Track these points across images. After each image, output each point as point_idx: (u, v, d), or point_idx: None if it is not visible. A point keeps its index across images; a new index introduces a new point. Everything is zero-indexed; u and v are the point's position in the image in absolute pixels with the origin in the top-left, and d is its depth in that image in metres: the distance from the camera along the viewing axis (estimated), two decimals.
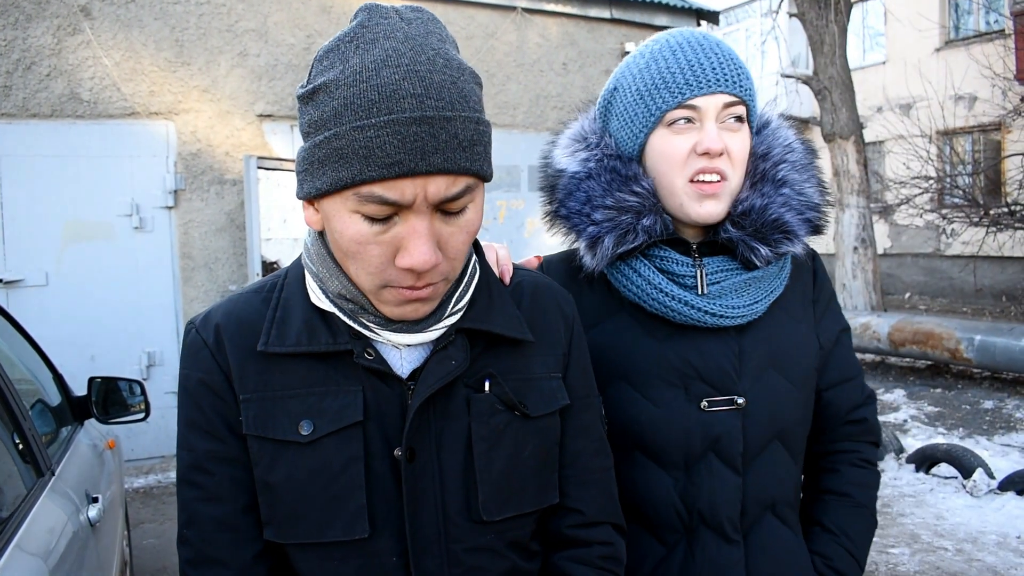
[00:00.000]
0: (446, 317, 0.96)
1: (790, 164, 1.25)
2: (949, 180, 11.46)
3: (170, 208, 5.61)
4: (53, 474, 2.10)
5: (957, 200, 11.24)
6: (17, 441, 1.96)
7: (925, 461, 5.08)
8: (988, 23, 13.35)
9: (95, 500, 2.21)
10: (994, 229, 10.30)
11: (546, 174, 1.32)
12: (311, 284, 0.97)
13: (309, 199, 0.89)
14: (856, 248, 9.36)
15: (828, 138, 9.44)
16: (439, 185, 0.83)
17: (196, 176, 5.66)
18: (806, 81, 9.67)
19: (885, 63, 14.83)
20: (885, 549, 4.08)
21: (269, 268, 5.44)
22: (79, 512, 2.07)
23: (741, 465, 1.21)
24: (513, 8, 6.85)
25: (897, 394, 7.47)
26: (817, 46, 9.31)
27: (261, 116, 5.88)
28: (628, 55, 1.43)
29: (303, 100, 0.86)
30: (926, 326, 7.69)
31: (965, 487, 4.72)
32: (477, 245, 1.06)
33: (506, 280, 1.08)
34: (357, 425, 0.93)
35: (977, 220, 10.39)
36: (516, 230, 7.00)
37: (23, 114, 5.19)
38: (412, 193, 0.82)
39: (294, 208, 5.60)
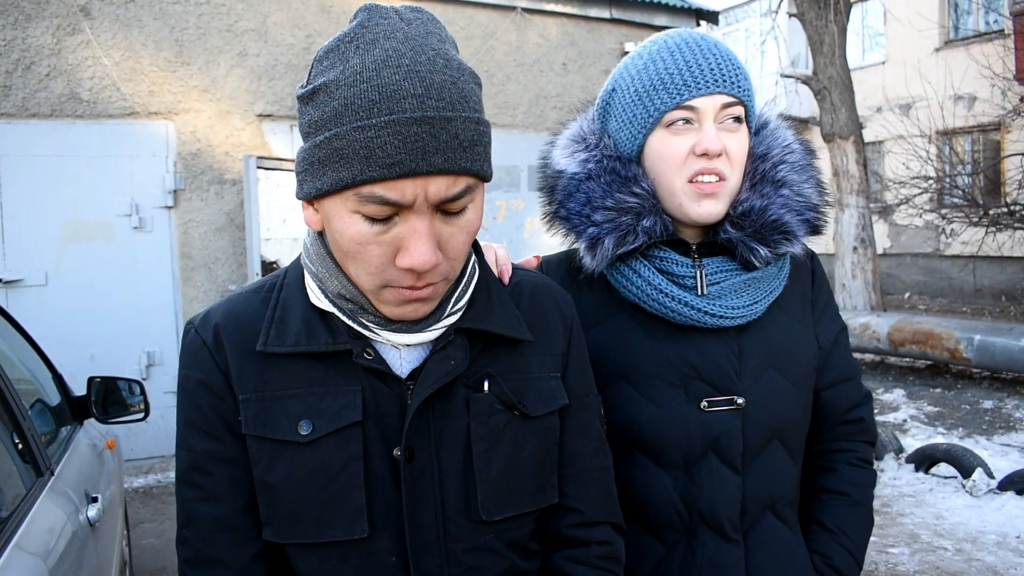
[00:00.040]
0: (445, 317, 0.96)
1: (789, 165, 1.25)
2: (948, 180, 11.46)
3: (170, 208, 5.61)
4: (52, 474, 2.10)
5: (956, 200, 11.24)
6: (16, 441, 1.96)
7: (925, 461, 5.08)
8: (988, 23, 13.35)
9: (94, 500, 2.21)
10: (993, 229, 10.30)
11: (545, 175, 1.32)
12: (310, 284, 0.97)
13: (309, 199, 0.89)
14: (856, 248, 9.36)
15: (828, 138, 9.44)
16: (440, 185, 0.83)
17: (196, 176, 5.66)
18: (805, 81, 9.67)
19: (885, 63, 14.83)
20: (885, 549, 4.08)
21: (269, 268, 5.44)
22: (78, 512, 2.07)
23: (741, 465, 1.21)
24: (513, 8, 6.85)
25: (897, 394, 7.47)
26: (816, 46, 9.31)
27: (261, 116, 5.88)
28: (627, 56, 1.43)
29: (303, 100, 0.86)
30: (926, 326, 7.69)
31: (965, 487, 4.72)
32: (476, 245, 1.07)
33: (505, 280, 1.09)
34: (356, 425, 0.93)
35: (976, 220, 10.40)
36: (516, 230, 7.00)
37: (23, 114, 5.19)
38: (413, 193, 0.82)
39: (293, 208, 5.60)
